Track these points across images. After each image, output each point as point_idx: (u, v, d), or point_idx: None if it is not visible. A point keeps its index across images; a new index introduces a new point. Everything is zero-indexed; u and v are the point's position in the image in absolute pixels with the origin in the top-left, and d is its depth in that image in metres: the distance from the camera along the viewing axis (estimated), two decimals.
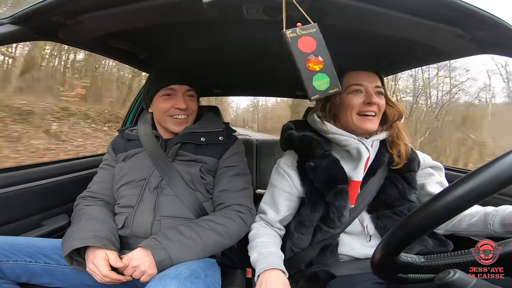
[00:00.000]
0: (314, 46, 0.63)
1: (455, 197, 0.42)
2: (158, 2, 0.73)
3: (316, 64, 0.64)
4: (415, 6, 0.68)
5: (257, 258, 0.88)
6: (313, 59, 0.64)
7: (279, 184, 1.02)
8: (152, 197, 1.03)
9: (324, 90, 0.67)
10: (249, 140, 2.41)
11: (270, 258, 0.86)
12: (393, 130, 0.97)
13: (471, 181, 0.41)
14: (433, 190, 0.94)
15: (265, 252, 0.89)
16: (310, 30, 0.62)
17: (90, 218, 0.97)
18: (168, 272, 0.80)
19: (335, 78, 0.67)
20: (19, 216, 1.16)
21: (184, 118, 1.13)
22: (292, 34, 0.62)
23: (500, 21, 0.68)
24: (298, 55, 0.63)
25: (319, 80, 0.66)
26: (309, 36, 0.63)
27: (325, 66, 0.65)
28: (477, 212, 0.81)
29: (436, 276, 0.46)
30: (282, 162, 1.03)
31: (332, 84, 0.67)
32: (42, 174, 1.28)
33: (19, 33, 0.77)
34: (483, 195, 0.41)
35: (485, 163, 0.42)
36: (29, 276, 0.88)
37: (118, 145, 1.20)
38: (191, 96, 1.15)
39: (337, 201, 0.89)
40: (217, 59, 1.41)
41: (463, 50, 0.90)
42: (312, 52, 0.64)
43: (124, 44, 1.11)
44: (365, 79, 0.93)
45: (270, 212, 1.02)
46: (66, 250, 0.84)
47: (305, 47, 0.63)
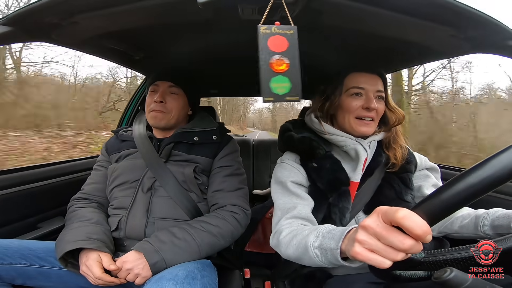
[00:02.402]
0: (285, 48, 0.60)
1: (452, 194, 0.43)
2: (153, 3, 0.72)
3: (279, 65, 0.61)
4: (408, 5, 0.68)
5: (322, 240, 0.65)
6: (278, 59, 0.60)
7: (289, 176, 0.93)
8: (146, 199, 1.02)
9: (281, 94, 0.62)
10: (246, 141, 2.41)
11: (334, 230, 0.65)
12: (391, 134, 0.97)
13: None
14: (429, 192, 0.94)
15: (321, 230, 0.69)
16: (287, 30, 0.60)
17: (83, 220, 0.97)
18: (164, 273, 0.80)
19: (297, 86, 0.62)
20: (15, 218, 1.15)
21: (159, 113, 1.11)
22: (266, 30, 0.60)
23: (493, 21, 0.68)
24: (264, 52, 0.60)
25: (278, 83, 0.61)
26: (283, 36, 0.60)
27: (289, 70, 0.61)
28: (468, 215, 0.81)
29: (434, 274, 0.46)
30: (286, 158, 0.99)
31: (293, 91, 0.62)
32: (37, 176, 1.27)
33: (12, 34, 0.76)
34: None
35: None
36: (24, 278, 0.87)
37: (111, 146, 1.20)
38: (173, 93, 1.14)
39: (341, 203, 0.88)
40: (213, 59, 1.41)
41: (457, 50, 0.91)
42: (280, 53, 0.60)
43: (119, 45, 1.10)
44: (367, 82, 0.92)
45: (298, 205, 0.87)
46: (60, 252, 0.84)
47: (274, 46, 0.60)
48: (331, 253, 0.60)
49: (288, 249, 0.76)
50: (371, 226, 0.47)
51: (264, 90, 0.61)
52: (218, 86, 2.21)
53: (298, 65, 0.61)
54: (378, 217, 0.47)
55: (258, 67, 0.61)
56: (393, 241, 0.44)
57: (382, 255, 0.45)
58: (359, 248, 0.48)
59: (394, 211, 0.44)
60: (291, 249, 0.74)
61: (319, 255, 0.64)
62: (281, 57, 0.60)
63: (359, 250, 0.48)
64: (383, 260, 0.45)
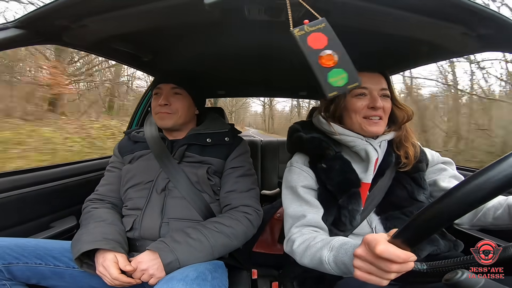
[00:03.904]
0: (326, 42, 0.60)
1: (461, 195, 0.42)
2: (160, 5, 0.73)
3: (329, 60, 0.61)
4: (419, 4, 0.67)
5: (336, 255, 0.69)
6: (325, 55, 0.61)
7: (299, 181, 0.93)
8: (160, 199, 1.03)
9: (342, 86, 0.63)
10: (254, 141, 2.41)
11: (346, 245, 0.69)
12: (402, 132, 0.95)
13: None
14: (446, 185, 0.91)
15: (333, 244, 0.72)
16: (319, 25, 0.60)
17: (99, 221, 0.98)
18: (175, 274, 0.80)
19: (353, 72, 0.62)
20: (29, 218, 1.18)
21: (165, 115, 1.12)
22: (300, 32, 0.60)
23: (504, 19, 0.67)
24: (309, 53, 0.61)
25: (334, 76, 0.62)
26: (318, 32, 0.60)
27: (340, 61, 0.61)
28: (499, 204, 0.78)
29: (444, 276, 0.45)
30: (295, 161, 0.99)
31: (351, 79, 0.62)
32: (50, 176, 1.30)
33: (24, 37, 0.78)
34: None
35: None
36: (39, 278, 0.89)
37: (124, 147, 1.21)
38: (177, 93, 1.14)
39: (351, 205, 0.87)
40: (220, 60, 1.41)
41: (468, 48, 0.89)
42: (324, 48, 0.61)
43: (128, 46, 1.11)
44: (370, 81, 0.91)
45: (308, 213, 0.88)
46: (76, 253, 0.85)
47: (316, 44, 0.60)
48: (346, 267, 0.65)
49: (303, 259, 0.80)
50: (362, 254, 0.55)
51: (325, 87, 0.62)
52: (225, 87, 2.21)
53: (345, 54, 0.61)
54: (365, 247, 0.55)
55: (311, 70, 0.61)
56: (381, 266, 0.52)
57: (378, 276, 0.53)
58: (358, 272, 0.57)
59: (374, 245, 0.51)
60: (306, 259, 0.79)
61: (334, 267, 0.69)
62: (328, 52, 0.61)
63: (358, 274, 0.56)
64: (380, 280, 0.53)
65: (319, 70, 0.61)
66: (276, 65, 1.50)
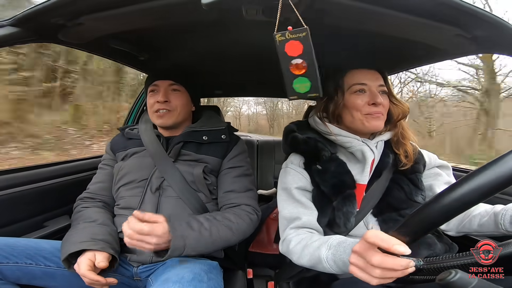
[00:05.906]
0: (300, 51, 0.64)
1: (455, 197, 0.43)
2: (158, 4, 0.73)
3: (299, 69, 0.67)
4: (413, 5, 0.68)
5: (334, 253, 0.69)
6: (296, 63, 0.66)
7: (294, 183, 0.93)
8: (154, 199, 1.01)
9: (303, 93, 0.71)
10: (250, 141, 2.41)
11: (344, 243, 0.70)
12: (398, 130, 0.95)
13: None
14: (440, 191, 0.91)
15: (331, 243, 0.73)
16: (300, 34, 0.62)
17: (89, 221, 0.96)
18: (170, 275, 0.79)
19: (316, 83, 0.69)
20: (22, 217, 1.16)
21: (165, 112, 1.10)
22: (281, 37, 0.63)
23: (499, 20, 0.67)
24: (283, 58, 0.66)
25: (299, 83, 0.70)
26: (296, 40, 0.63)
27: (308, 71, 0.67)
28: (486, 212, 0.79)
29: (438, 276, 0.45)
30: (289, 163, 0.98)
31: (313, 89, 0.70)
32: (44, 175, 1.29)
33: (19, 35, 0.77)
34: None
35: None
36: (29, 278, 0.87)
37: (117, 144, 1.19)
38: (175, 90, 1.12)
39: (345, 207, 0.87)
40: (217, 60, 1.41)
41: (463, 49, 0.89)
42: (297, 56, 0.65)
43: (124, 45, 1.11)
44: (368, 78, 0.91)
45: (303, 215, 0.88)
46: (64, 254, 0.84)
47: (291, 51, 0.65)
48: (345, 265, 0.66)
49: (301, 259, 0.80)
50: (358, 250, 0.57)
51: (289, 91, 0.72)
52: (222, 87, 2.21)
53: (315, 65, 0.66)
54: (363, 241, 0.56)
55: (281, 71, 0.68)
56: (368, 258, 0.54)
57: (368, 273, 0.54)
58: (352, 267, 0.58)
59: (365, 233, 0.55)
60: (304, 259, 0.78)
61: (333, 266, 0.69)
62: (299, 61, 0.66)
63: (352, 269, 0.58)
64: (370, 278, 0.54)
65: (287, 74, 0.69)
66: (274, 66, 1.50)
